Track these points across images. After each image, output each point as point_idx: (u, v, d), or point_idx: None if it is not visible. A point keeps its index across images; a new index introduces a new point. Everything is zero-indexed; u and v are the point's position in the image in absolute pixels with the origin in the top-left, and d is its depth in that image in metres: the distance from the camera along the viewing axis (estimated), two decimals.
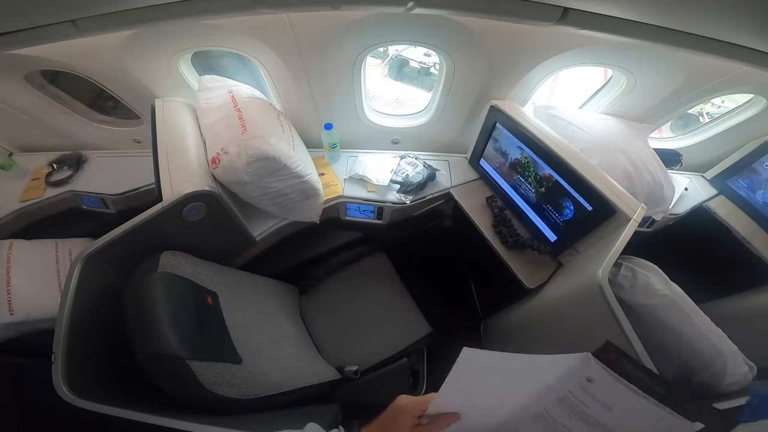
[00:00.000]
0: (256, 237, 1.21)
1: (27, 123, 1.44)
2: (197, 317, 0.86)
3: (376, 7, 0.90)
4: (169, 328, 0.77)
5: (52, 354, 0.76)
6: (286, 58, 1.12)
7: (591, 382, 0.40)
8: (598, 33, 0.73)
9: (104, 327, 0.87)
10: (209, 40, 1.10)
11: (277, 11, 0.83)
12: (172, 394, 0.76)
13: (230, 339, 0.92)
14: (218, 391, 0.78)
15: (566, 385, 0.42)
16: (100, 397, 0.72)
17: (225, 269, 1.08)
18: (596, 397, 0.40)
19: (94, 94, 1.50)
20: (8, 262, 1.22)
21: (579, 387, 0.41)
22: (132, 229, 0.90)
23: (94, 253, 0.87)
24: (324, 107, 1.33)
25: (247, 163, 0.99)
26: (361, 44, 1.09)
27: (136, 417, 0.69)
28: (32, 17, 0.76)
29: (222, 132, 1.06)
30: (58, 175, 1.47)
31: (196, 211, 0.99)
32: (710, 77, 1.14)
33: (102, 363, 0.86)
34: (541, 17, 0.71)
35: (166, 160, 1.01)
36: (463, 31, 1.01)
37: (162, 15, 0.77)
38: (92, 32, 0.80)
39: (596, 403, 0.40)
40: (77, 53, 1.11)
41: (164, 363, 0.74)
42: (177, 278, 0.90)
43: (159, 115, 1.16)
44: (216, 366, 0.80)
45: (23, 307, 1.16)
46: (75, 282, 0.83)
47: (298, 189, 1.15)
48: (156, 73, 1.19)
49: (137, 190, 1.41)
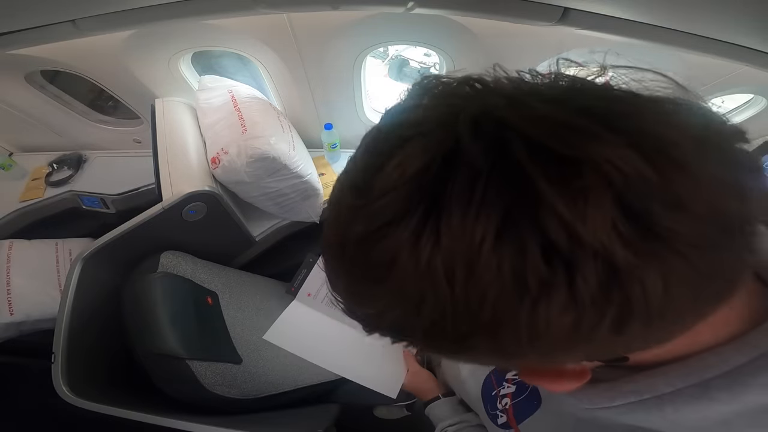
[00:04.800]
0: (256, 237, 1.21)
1: (27, 123, 1.44)
2: (197, 317, 0.86)
3: (376, 7, 0.90)
4: (169, 328, 0.77)
5: (52, 354, 0.76)
6: (286, 58, 1.12)
7: None
8: (598, 33, 0.73)
9: (104, 327, 0.87)
10: (209, 40, 1.10)
11: (277, 11, 0.84)
12: (172, 394, 0.76)
13: (230, 339, 0.92)
14: (218, 391, 0.78)
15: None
16: (100, 397, 0.73)
17: (225, 269, 1.08)
18: None
19: (94, 94, 1.50)
20: (8, 262, 1.22)
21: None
22: (132, 229, 0.90)
23: (94, 253, 0.87)
24: (324, 107, 1.32)
25: (247, 163, 0.99)
26: (361, 44, 1.09)
27: (136, 417, 0.70)
28: (32, 17, 0.76)
29: (222, 132, 1.06)
30: (58, 175, 1.47)
31: (196, 211, 0.99)
32: (710, 77, 1.14)
33: (102, 363, 0.86)
34: (541, 17, 0.71)
35: (166, 160, 1.00)
36: (463, 31, 1.01)
37: (162, 15, 0.77)
38: (92, 32, 0.80)
39: None
40: (77, 53, 1.10)
41: (164, 363, 0.74)
42: (177, 278, 0.90)
43: (159, 115, 1.16)
44: (216, 366, 0.80)
45: (23, 307, 1.16)
46: (75, 282, 0.83)
47: (298, 189, 1.15)
48: (156, 73, 1.19)
49: (137, 190, 1.41)
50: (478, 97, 0.18)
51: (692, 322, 0.20)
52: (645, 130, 0.16)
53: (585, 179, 0.14)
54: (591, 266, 0.14)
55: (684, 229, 0.15)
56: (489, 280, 0.15)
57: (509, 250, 0.15)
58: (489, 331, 0.17)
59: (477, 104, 0.17)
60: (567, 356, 0.20)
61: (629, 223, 0.14)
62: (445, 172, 0.15)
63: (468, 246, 0.15)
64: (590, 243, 0.14)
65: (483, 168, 0.15)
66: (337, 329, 0.81)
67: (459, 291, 0.16)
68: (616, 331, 0.16)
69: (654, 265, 0.15)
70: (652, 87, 0.18)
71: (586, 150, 0.15)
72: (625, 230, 0.14)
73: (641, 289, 0.15)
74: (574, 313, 0.15)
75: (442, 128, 0.17)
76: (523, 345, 0.17)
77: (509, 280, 0.15)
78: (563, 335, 0.16)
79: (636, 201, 0.14)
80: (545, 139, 0.15)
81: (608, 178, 0.14)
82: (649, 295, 0.15)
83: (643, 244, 0.15)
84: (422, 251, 0.16)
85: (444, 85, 0.19)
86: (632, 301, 0.15)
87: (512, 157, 0.15)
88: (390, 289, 0.17)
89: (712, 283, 0.17)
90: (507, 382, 0.44)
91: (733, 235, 0.16)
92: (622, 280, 0.15)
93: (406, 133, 0.18)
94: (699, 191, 0.15)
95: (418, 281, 0.16)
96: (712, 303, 0.19)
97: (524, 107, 0.16)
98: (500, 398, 0.43)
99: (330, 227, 0.21)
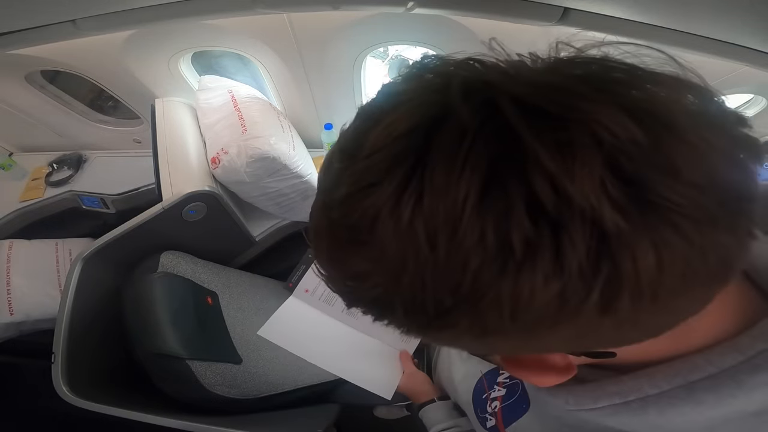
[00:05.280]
0: (256, 237, 1.21)
1: (27, 123, 1.44)
2: (197, 317, 0.86)
3: (376, 7, 0.90)
4: (169, 328, 0.77)
5: (52, 354, 0.76)
6: (286, 58, 1.12)
7: None
8: (599, 33, 0.73)
9: (104, 327, 0.87)
10: (209, 40, 1.10)
11: (277, 11, 0.83)
12: (172, 394, 0.76)
13: (230, 339, 0.92)
14: (218, 392, 0.78)
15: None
16: (100, 397, 0.73)
17: (225, 269, 1.08)
18: None
19: (94, 94, 1.50)
20: (8, 262, 1.22)
21: None
22: (132, 229, 0.90)
23: (94, 253, 0.87)
24: (324, 107, 1.32)
25: (247, 163, 0.99)
26: (361, 44, 1.09)
27: (136, 417, 0.70)
28: (32, 17, 0.76)
29: (222, 132, 1.06)
30: (58, 175, 1.47)
31: (196, 211, 0.99)
32: (710, 77, 1.14)
33: (102, 363, 0.86)
34: (541, 17, 0.71)
35: (166, 160, 1.01)
36: (463, 31, 1.01)
37: (162, 15, 0.77)
38: (92, 32, 0.80)
39: None
40: (77, 53, 1.10)
41: (164, 363, 0.74)
42: (177, 278, 0.90)
43: (159, 115, 1.16)
44: (216, 366, 0.80)
45: (23, 307, 1.16)
46: (75, 282, 0.83)
47: (298, 189, 1.15)
48: (156, 73, 1.19)
49: (137, 190, 1.41)
50: (472, 68, 0.18)
51: (683, 314, 0.19)
52: (639, 96, 0.15)
53: (574, 137, 0.14)
54: (579, 229, 0.14)
55: (678, 198, 0.14)
56: (472, 242, 0.14)
57: (494, 207, 0.14)
58: (470, 303, 0.16)
59: (470, 71, 0.17)
60: (551, 337, 0.18)
61: (619, 185, 0.14)
62: (433, 131, 0.15)
63: (451, 204, 0.14)
64: (578, 202, 0.13)
65: (470, 125, 0.14)
66: (334, 327, 0.81)
67: (441, 255, 0.15)
68: (603, 308, 0.15)
69: (646, 235, 0.14)
70: (650, 63, 0.18)
71: (577, 109, 0.14)
72: (614, 193, 0.13)
73: (632, 260, 0.14)
74: (560, 282, 0.14)
75: (434, 93, 0.16)
76: (504, 319, 0.16)
77: (493, 241, 0.14)
78: (548, 308, 0.15)
79: (627, 163, 0.14)
80: (536, 99, 0.14)
81: (598, 137, 0.14)
82: (639, 267, 0.14)
83: (635, 210, 0.14)
84: (404, 210, 0.15)
85: (442, 62, 0.19)
86: (622, 272, 0.14)
87: (501, 114, 0.14)
88: (371, 253, 0.17)
89: (707, 262, 0.15)
90: (498, 386, 0.43)
91: (731, 210, 0.15)
92: (611, 248, 0.14)
93: (397, 100, 0.17)
94: (695, 158, 0.14)
95: (399, 243, 0.15)
96: (705, 291, 0.18)
97: (517, 73, 0.16)
98: (490, 401, 0.43)
99: (318, 192, 0.21)
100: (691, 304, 0.18)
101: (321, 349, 0.80)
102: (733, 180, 0.15)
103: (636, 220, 0.14)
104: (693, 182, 0.14)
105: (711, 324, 0.23)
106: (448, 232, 0.14)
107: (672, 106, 0.15)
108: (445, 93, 0.16)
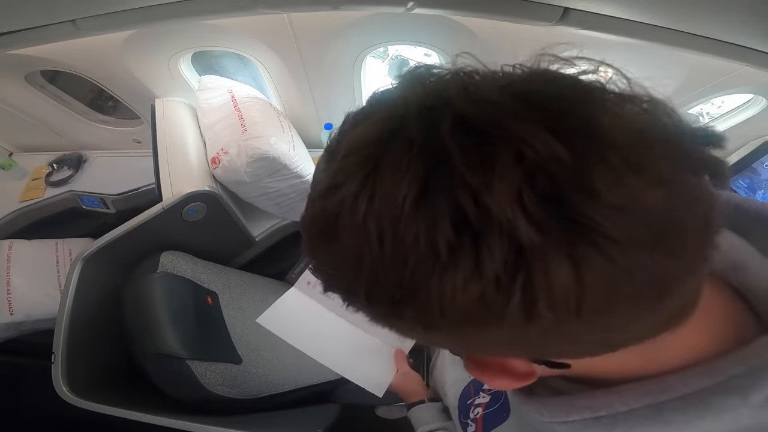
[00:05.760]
0: (256, 237, 1.21)
1: (27, 123, 1.44)
2: (197, 317, 0.86)
3: (376, 7, 0.90)
4: (169, 328, 0.77)
5: (52, 354, 0.76)
6: (286, 58, 1.12)
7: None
8: (599, 33, 0.73)
9: (104, 327, 0.87)
10: (209, 40, 1.10)
11: (277, 11, 0.83)
12: (172, 394, 0.76)
13: (230, 339, 0.92)
14: (218, 391, 0.78)
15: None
16: (100, 397, 0.73)
17: (225, 269, 1.08)
18: None
19: (94, 94, 1.50)
20: (8, 262, 1.22)
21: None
22: (132, 229, 0.90)
23: (94, 253, 0.87)
24: (324, 107, 1.32)
25: (247, 163, 0.99)
26: (361, 44, 1.09)
27: (136, 417, 0.70)
28: (32, 17, 0.76)
29: (222, 132, 1.06)
30: (58, 175, 1.47)
31: (196, 211, 0.99)
32: (710, 77, 1.14)
33: (102, 363, 0.86)
34: (541, 17, 0.71)
35: (166, 160, 1.01)
36: (463, 31, 1.01)
37: (162, 15, 0.77)
38: (92, 32, 0.80)
39: None
40: (77, 53, 1.10)
41: (164, 363, 0.74)
42: (177, 278, 0.90)
43: (159, 115, 1.16)
44: (216, 366, 0.80)
45: (23, 307, 1.16)
46: (75, 282, 0.83)
47: (298, 189, 1.15)
48: (156, 74, 1.19)
49: (137, 190, 1.41)
50: (440, 82, 0.19)
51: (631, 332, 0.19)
52: (574, 112, 0.16)
53: (498, 153, 0.15)
54: (496, 239, 0.14)
55: (600, 219, 0.14)
56: (409, 242, 0.16)
57: (425, 215, 0.15)
58: (410, 297, 0.17)
59: (437, 86, 0.19)
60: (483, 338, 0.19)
61: (537, 201, 0.14)
62: (391, 142, 0.17)
63: (393, 207, 0.16)
64: (496, 215, 0.14)
65: (417, 139, 0.16)
66: (333, 321, 0.81)
67: (387, 252, 0.16)
68: (525, 315, 0.16)
69: (562, 250, 0.14)
70: (618, 82, 0.18)
71: (505, 127, 0.15)
72: (531, 207, 0.14)
73: (544, 273, 0.15)
74: (479, 286, 0.15)
75: (399, 108, 0.18)
76: (436, 314, 0.17)
77: (424, 243, 0.15)
78: (471, 309, 0.16)
79: (546, 179, 0.14)
80: (474, 116, 0.16)
81: (520, 153, 0.14)
82: (552, 281, 0.15)
83: (555, 226, 0.14)
84: (359, 208, 0.17)
85: (426, 73, 0.20)
86: (534, 283, 0.15)
87: (440, 130, 0.16)
88: (338, 246, 0.18)
89: (634, 282, 0.15)
90: (483, 392, 0.44)
91: (669, 233, 0.15)
92: (527, 261, 0.14)
93: (376, 109, 0.20)
94: (619, 180, 0.14)
95: (356, 239, 0.17)
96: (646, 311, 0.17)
97: (476, 89, 0.17)
98: (474, 407, 0.43)
99: (311, 187, 0.23)
100: (632, 322, 0.18)
101: (317, 341, 0.80)
102: (668, 202, 0.15)
103: (554, 235, 0.14)
104: (613, 204, 0.14)
105: (689, 344, 0.24)
106: (392, 232, 0.16)
107: (610, 124, 0.15)
108: (406, 108, 0.18)
